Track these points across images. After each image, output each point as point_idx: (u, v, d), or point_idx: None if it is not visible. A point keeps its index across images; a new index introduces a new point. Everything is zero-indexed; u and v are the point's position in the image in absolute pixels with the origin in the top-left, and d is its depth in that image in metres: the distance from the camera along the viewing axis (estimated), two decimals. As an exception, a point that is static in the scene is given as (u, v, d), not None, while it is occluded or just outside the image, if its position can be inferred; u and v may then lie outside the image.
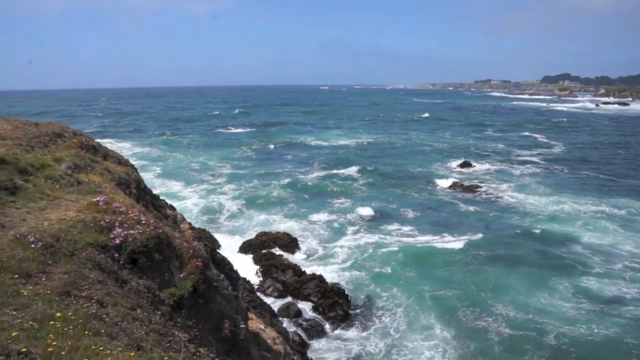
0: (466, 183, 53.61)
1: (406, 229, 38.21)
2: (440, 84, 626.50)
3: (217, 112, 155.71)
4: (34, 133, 20.78)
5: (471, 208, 44.23)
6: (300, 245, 33.71)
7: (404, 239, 35.66)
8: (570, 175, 59.26)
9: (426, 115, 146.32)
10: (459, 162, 65.51)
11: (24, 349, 4.68)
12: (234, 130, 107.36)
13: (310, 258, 32.49)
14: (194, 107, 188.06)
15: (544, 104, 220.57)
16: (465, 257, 32.11)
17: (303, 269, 29.41)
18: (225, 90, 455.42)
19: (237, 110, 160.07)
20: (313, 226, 38.58)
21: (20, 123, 23.50)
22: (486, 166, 64.31)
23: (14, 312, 5.77)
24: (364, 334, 23.93)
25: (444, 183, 54.02)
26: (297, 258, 31.63)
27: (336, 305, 25.88)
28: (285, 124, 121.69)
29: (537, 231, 37.23)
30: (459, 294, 27.07)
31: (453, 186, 52.64)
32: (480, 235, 36.31)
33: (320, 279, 27.75)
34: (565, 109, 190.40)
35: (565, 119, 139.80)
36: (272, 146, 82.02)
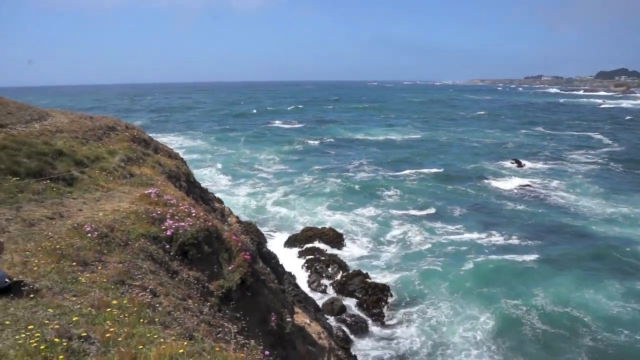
0: (517, 181, 52.47)
1: (454, 226, 37.70)
2: (489, 80, 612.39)
3: (267, 107, 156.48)
4: (88, 126, 21.38)
5: (521, 207, 43.29)
6: (346, 241, 33.72)
7: (451, 237, 35.22)
8: (628, 176, 56.87)
9: (481, 112, 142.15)
10: (510, 160, 64.06)
11: (84, 334, 4.84)
12: (283, 126, 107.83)
13: (356, 254, 32.44)
14: (243, 102, 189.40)
15: (599, 101, 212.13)
16: (513, 256, 31.50)
17: (348, 265, 29.43)
18: (273, 86, 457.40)
19: (288, 107, 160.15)
20: (360, 222, 38.46)
21: (76, 116, 24.23)
22: (538, 165, 62.60)
23: (74, 298, 5.98)
24: (408, 331, 23.76)
25: (494, 181, 53.04)
26: (342, 254, 31.62)
27: (380, 301, 25.82)
28: (335, 119, 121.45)
29: (590, 232, 36.19)
30: (505, 293, 26.57)
31: (503, 184, 51.61)
32: (529, 235, 35.58)
33: (365, 275, 27.73)
34: (622, 105, 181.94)
35: (622, 117, 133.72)
36: (321, 142, 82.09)
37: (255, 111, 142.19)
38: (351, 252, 32.62)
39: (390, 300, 26.04)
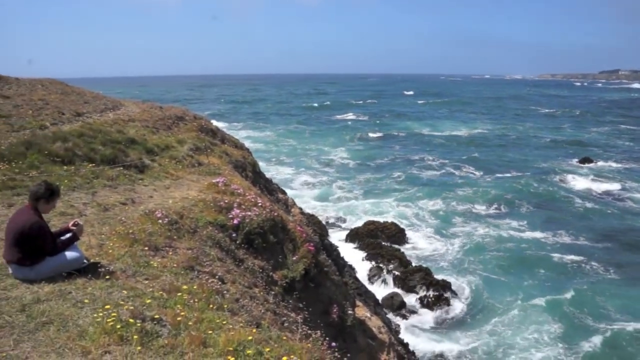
0: (588, 180, 50.44)
1: (520, 224, 36.71)
2: (560, 75, 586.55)
3: (333, 100, 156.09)
4: (158, 116, 22.02)
5: (591, 207, 41.60)
6: (408, 236, 33.43)
7: (517, 235, 34.32)
8: None
9: (554, 108, 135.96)
10: (582, 157, 61.47)
11: (156, 316, 4.99)
12: (348, 118, 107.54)
13: (418, 249, 32.13)
14: (309, 95, 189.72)
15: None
16: (581, 259, 30.35)
17: (409, 260, 29.19)
18: (338, 78, 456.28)
19: (353, 100, 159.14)
20: (423, 217, 38.02)
21: (147, 106, 25.01)
22: (612, 164, 59.60)
23: (146, 281, 6.19)
24: (469, 330, 23.32)
25: (563, 179, 51.12)
26: (404, 248, 31.38)
27: (441, 299, 25.48)
28: (401, 112, 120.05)
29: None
30: (571, 298, 25.44)
31: (574, 183, 49.76)
32: (598, 237, 34.17)
33: (426, 271, 27.40)
34: None
35: None
36: (386, 135, 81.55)
37: (320, 103, 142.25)
38: (413, 247, 32.33)
39: (451, 297, 25.65)
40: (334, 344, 6.47)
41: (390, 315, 23.90)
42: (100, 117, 19.94)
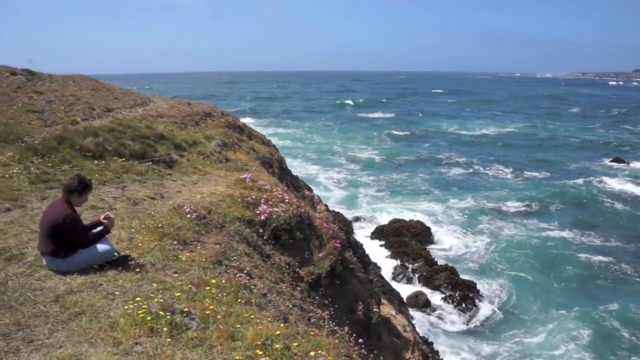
0: (620, 181, 49.41)
1: (549, 225, 36.13)
2: (592, 73, 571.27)
3: (361, 97, 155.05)
4: (186, 112, 22.23)
5: (622, 208, 40.76)
6: (434, 235, 33.22)
7: (546, 236, 33.77)
8: None
9: (585, 107, 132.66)
10: (614, 158, 60.18)
11: (185, 309, 5.06)
12: (376, 116, 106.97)
13: (444, 248, 31.90)
14: (337, 92, 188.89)
15: None
16: (613, 263, 29.52)
17: (435, 259, 29.02)
18: (366, 75, 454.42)
19: (381, 97, 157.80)
20: (450, 216, 37.66)
21: (175, 102, 25.28)
22: (644, 164, 58.23)
23: (175, 275, 6.27)
24: (493, 334, 22.98)
25: (595, 179, 49.90)
26: (429, 247, 31.21)
27: (467, 299, 25.27)
28: (429, 111, 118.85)
29: None
30: (603, 307, 24.61)
31: (605, 183, 48.73)
32: (631, 240, 33.39)
33: (452, 270, 27.20)
34: None
35: None
36: (413, 133, 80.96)
37: (348, 101, 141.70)
38: (439, 246, 32.12)
39: (477, 298, 25.42)
40: (360, 340, 6.48)
41: (414, 314, 23.80)
42: (129, 113, 20.22)
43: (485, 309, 24.94)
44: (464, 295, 25.32)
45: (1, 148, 12.64)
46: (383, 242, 31.78)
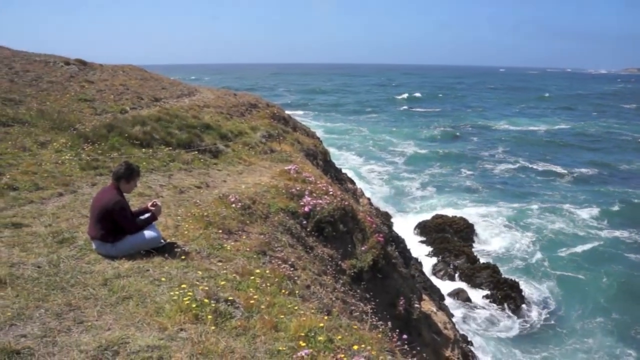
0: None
1: (599, 224, 34.81)
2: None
3: (407, 91, 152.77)
4: (232, 102, 22.43)
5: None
6: (477, 232, 32.68)
7: (595, 235, 32.68)
8: None
9: (634, 105, 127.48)
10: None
11: (230, 298, 5.09)
12: (421, 110, 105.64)
13: (487, 246, 31.34)
14: (384, 85, 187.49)
15: None
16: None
17: (477, 257, 28.59)
18: (417, 69, 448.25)
19: (427, 91, 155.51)
20: (493, 214, 36.84)
21: (221, 93, 25.54)
22: None
23: (220, 263, 6.32)
24: (536, 338, 22.33)
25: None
26: (471, 244, 30.76)
27: (509, 298, 24.77)
28: (476, 106, 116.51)
29: None
30: None
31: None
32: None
33: (494, 269, 26.73)
34: None
35: None
36: (459, 128, 79.46)
37: (396, 95, 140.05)
38: (482, 244, 31.59)
39: (519, 299, 24.88)
40: (405, 336, 6.41)
41: (454, 311, 23.51)
42: (176, 103, 20.53)
43: (527, 310, 24.39)
44: (506, 294, 24.84)
45: (55, 135, 13.01)
46: (425, 238, 31.48)
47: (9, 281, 5.13)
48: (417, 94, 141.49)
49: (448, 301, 24.09)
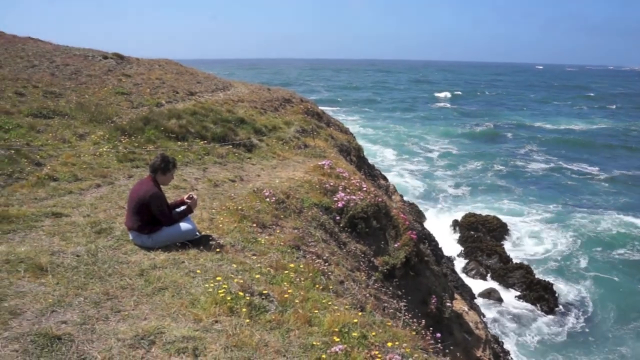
0: None
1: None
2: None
3: (444, 89, 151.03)
4: (266, 97, 22.53)
5: None
6: (510, 232, 32.22)
7: (635, 234, 31.87)
8: None
9: None
10: None
11: (264, 291, 5.11)
12: (457, 108, 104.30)
13: (520, 246, 30.83)
14: (419, 82, 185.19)
15: None
16: None
17: (509, 256, 28.19)
18: (454, 66, 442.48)
19: (463, 89, 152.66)
20: (527, 213, 36.19)
21: (256, 88, 25.67)
22: None
23: (254, 257, 6.35)
24: (569, 340, 21.93)
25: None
26: (505, 244, 30.33)
27: (542, 300, 24.35)
28: (514, 105, 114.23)
29: None
30: None
31: None
32: None
33: (527, 269, 26.30)
34: None
35: None
36: (494, 126, 78.08)
37: (431, 91, 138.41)
38: (515, 244, 31.10)
39: (552, 300, 24.43)
40: (438, 334, 6.35)
41: (485, 311, 23.23)
42: (211, 97, 20.72)
43: (560, 313, 23.92)
44: (539, 296, 24.42)
45: (93, 127, 13.28)
46: (457, 236, 31.21)
47: (49, 269, 5.26)
48: (452, 92, 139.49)
49: (479, 301, 23.83)
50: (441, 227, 32.56)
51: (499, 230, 31.79)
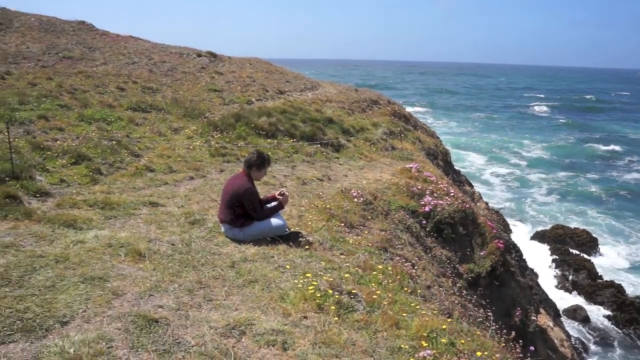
0: None
1: None
2: None
3: (532, 93, 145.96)
4: (354, 98, 22.56)
5: None
6: (601, 247, 30.71)
7: None
8: None
9: None
10: None
11: (353, 291, 5.11)
12: (550, 114, 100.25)
13: (611, 263, 29.29)
14: (510, 87, 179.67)
15: None
16: None
17: (599, 273, 26.85)
18: (533, 70, 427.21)
19: (551, 94, 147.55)
20: (621, 229, 34.29)
21: (343, 88, 25.78)
22: None
23: (342, 256, 6.37)
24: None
25: None
26: (594, 260, 28.91)
27: (634, 322, 23.04)
28: (617, 116, 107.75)
29: None
30: None
31: None
32: None
33: (619, 288, 24.91)
34: None
35: None
36: (589, 136, 74.49)
37: (519, 95, 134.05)
38: (606, 260, 29.58)
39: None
40: (532, 347, 6.14)
41: (569, 329, 22.22)
42: (300, 96, 20.99)
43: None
44: (631, 318, 23.05)
45: (186, 122, 13.80)
46: (542, 248, 30.05)
47: (147, 255, 5.50)
48: (544, 97, 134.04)
49: (563, 318, 22.85)
50: (527, 237, 31.51)
51: (589, 244, 30.35)
